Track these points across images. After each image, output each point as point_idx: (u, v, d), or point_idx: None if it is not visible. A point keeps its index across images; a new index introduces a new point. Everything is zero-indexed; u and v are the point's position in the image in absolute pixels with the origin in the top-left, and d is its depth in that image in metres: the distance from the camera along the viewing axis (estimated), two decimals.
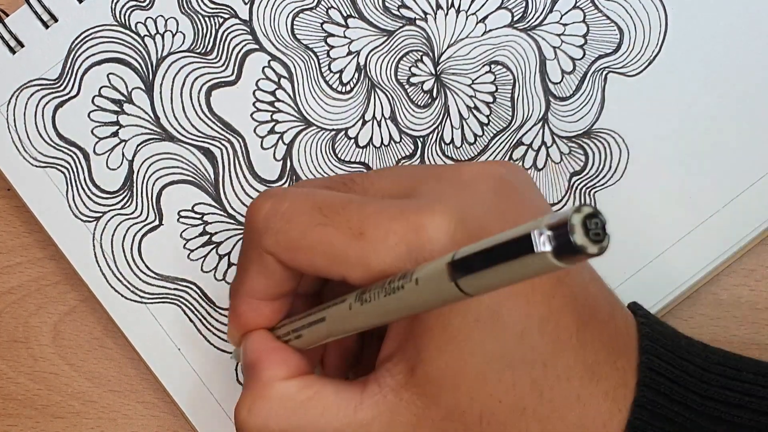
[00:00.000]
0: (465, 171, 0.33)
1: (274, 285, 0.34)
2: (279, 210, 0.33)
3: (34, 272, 0.43)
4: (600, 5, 0.41)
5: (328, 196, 0.33)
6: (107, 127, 0.42)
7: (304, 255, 0.32)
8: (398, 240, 0.30)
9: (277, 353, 0.34)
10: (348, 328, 0.32)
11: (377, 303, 0.30)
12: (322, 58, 0.42)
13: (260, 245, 0.33)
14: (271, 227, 0.33)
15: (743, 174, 0.40)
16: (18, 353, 0.43)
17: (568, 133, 0.41)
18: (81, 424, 0.42)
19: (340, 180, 0.35)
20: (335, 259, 0.31)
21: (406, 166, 0.36)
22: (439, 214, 0.30)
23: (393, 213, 0.31)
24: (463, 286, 0.26)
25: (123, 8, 0.42)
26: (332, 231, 0.31)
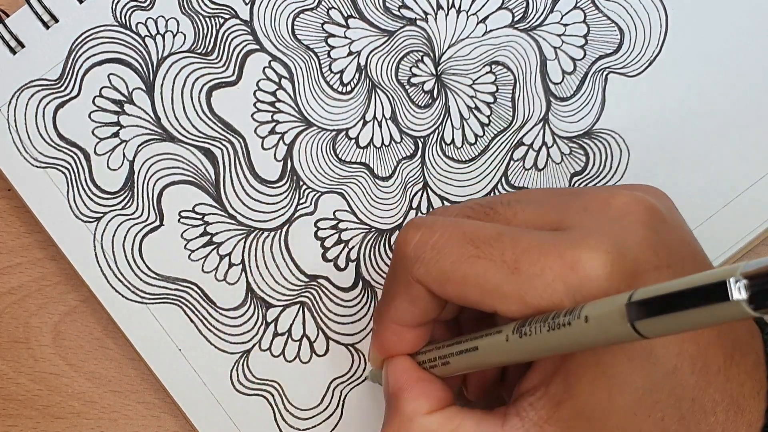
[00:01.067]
0: (613, 202, 0.33)
1: (420, 313, 0.34)
2: (430, 240, 0.33)
3: (34, 272, 0.43)
4: (600, 5, 0.42)
5: (478, 227, 0.33)
6: (108, 127, 0.42)
7: (455, 286, 0.32)
8: (555, 276, 0.30)
9: (420, 384, 0.34)
10: (501, 359, 0.32)
11: (539, 337, 0.30)
12: (322, 59, 0.42)
13: (410, 274, 0.33)
14: (421, 257, 0.33)
15: (743, 174, 0.41)
16: (18, 354, 0.43)
17: (569, 134, 0.41)
18: (81, 425, 0.42)
19: (481, 209, 0.35)
20: (489, 293, 0.31)
21: (549, 192, 0.36)
22: (594, 250, 0.30)
23: (547, 248, 0.31)
24: (640, 328, 0.26)
25: (123, 9, 0.42)
26: (486, 264, 0.32)
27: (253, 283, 0.42)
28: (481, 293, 0.32)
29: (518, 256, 0.31)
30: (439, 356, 0.34)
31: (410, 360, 0.35)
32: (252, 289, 0.42)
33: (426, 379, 0.34)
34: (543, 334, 0.30)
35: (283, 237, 0.42)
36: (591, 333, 0.28)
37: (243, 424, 0.41)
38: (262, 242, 0.42)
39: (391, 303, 0.35)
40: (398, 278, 0.34)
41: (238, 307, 0.41)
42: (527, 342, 0.30)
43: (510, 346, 0.31)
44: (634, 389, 0.31)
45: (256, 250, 0.42)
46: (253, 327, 0.41)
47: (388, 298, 0.35)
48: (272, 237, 0.42)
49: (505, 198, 0.35)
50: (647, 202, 0.33)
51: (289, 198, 0.42)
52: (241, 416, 0.41)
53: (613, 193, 0.33)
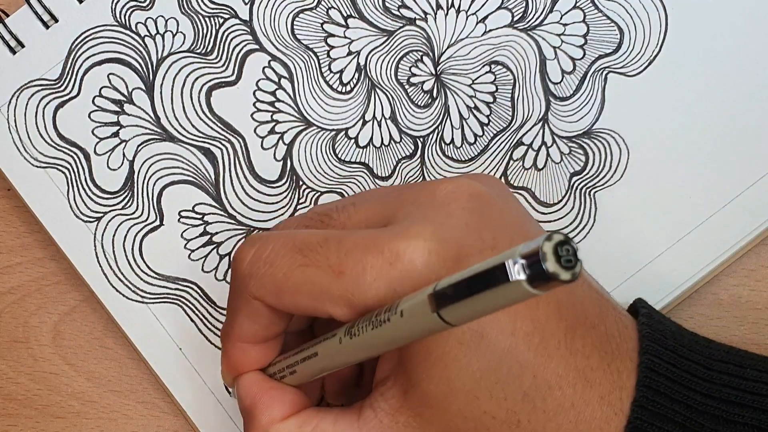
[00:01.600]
0: (439, 190, 0.33)
1: (263, 328, 0.35)
2: (262, 255, 0.33)
3: (34, 272, 0.43)
4: (600, 5, 0.42)
5: (306, 236, 0.33)
6: (108, 127, 0.42)
7: (289, 297, 0.33)
8: (376, 274, 0.31)
9: (271, 393, 0.34)
10: (340, 361, 0.33)
11: (365, 336, 0.30)
12: (322, 58, 0.42)
13: (247, 291, 0.34)
14: (255, 272, 0.33)
15: (743, 174, 0.40)
16: (18, 353, 0.43)
17: (569, 133, 0.41)
18: (81, 424, 0.42)
19: (317, 217, 0.35)
20: (319, 299, 0.32)
21: (383, 191, 0.36)
22: (413, 239, 0.31)
23: (369, 245, 0.31)
24: (445, 317, 0.26)
25: (123, 8, 0.42)
26: (313, 271, 0.32)
27: None
28: (313, 300, 0.32)
29: (342, 258, 0.32)
30: (286, 366, 0.35)
31: (259, 373, 0.36)
32: None
33: (277, 388, 0.35)
34: (369, 333, 0.30)
35: None
36: (407, 326, 0.28)
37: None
38: None
39: (233, 321, 0.35)
40: (236, 296, 0.34)
41: None
42: (357, 342, 0.31)
43: (344, 348, 0.32)
44: (470, 372, 0.31)
45: None
46: None
47: (231, 317, 0.35)
48: None
49: (340, 203, 0.36)
50: (472, 188, 0.33)
51: (289, 198, 0.42)
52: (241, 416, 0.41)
53: (439, 183, 0.34)
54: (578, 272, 0.23)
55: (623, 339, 0.33)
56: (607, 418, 0.32)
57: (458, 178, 0.34)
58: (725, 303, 0.41)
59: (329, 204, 0.36)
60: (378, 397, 0.33)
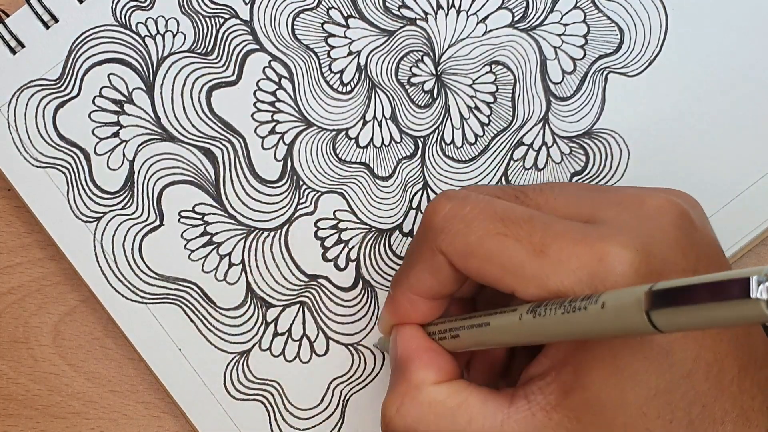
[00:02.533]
0: (648, 201, 0.33)
1: (438, 285, 0.34)
2: (459, 213, 0.33)
3: (34, 272, 0.43)
4: (600, 5, 0.42)
5: (510, 207, 0.33)
6: (108, 127, 0.42)
7: (478, 262, 0.32)
8: (580, 265, 0.30)
9: (429, 354, 0.34)
10: (511, 339, 0.32)
11: (553, 319, 0.30)
12: (322, 59, 0.42)
13: (435, 244, 0.33)
14: (448, 228, 0.33)
15: (743, 174, 0.41)
16: (18, 353, 0.43)
17: (569, 133, 0.41)
18: (81, 425, 0.42)
19: (512, 192, 0.35)
20: (510, 272, 0.31)
21: (581, 186, 0.36)
22: (623, 246, 0.30)
23: (576, 237, 0.31)
24: (655, 319, 0.26)
25: (123, 8, 0.42)
26: (512, 243, 0.31)
27: (253, 283, 0.42)
28: (503, 271, 0.32)
29: (546, 240, 0.31)
30: (450, 328, 0.34)
31: (421, 330, 0.35)
32: (252, 289, 0.42)
33: (435, 350, 0.34)
34: (558, 316, 0.29)
35: (283, 237, 0.42)
36: (606, 320, 0.28)
37: (243, 424, 0.41)
38: (262, 242, 0.42)
39: (411, 271, 0.34)
40: (422, 247, 0.34)
41: (238, 307, 0.41)
42: (540, 323, 0.30)
43: (522, 326, 0.31)
44: (647, 388, 0.31)
45: (256, 250, 0.42)
46: (253, 327, 0.41)
47: (409, 266, 0.34)
48: (272, 237, 0.42)
49: (537, 185, 0.35)
50: (681, 206, 0.33)
51: (289, 198, 0.42)
52: (241, 416, 0.41)
53: (648, 193, 0.33)
54: None
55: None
56: None
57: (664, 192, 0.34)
58: None
59: (524, 185, 0.36)
60: (535, 389, 0.32)
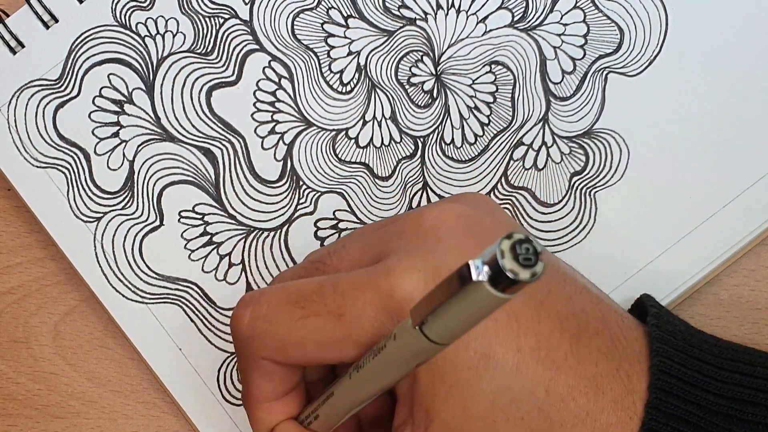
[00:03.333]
0: (424, 218, 0.33)
1: (279, 384, 0.34)
2: (260, 314, 0.33)
3: (34, 272, 0.43)
4: (600, 5, 0.42)
5: (300, 286, 0.33)
6: (108, 127, 0.42)
7: (295, 351, 0.33)
8: (376, 309, 0.31)
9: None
10: (354, 398, 0.32)
11: (369, 366, 0.30)
12: (322, 59, 0.42)
13: (253, 353, 0.34)
14: (256, 333, 0.33)
15: (743, 174, 0.40)
16: (18, 353, 0.43)
17: (569, 133, 0.41)
18: (81, 424, 0.42)
19: (311, 266, 0.36)
20: (325, 346, 0.32)
21: (370, 229, 0.36)
22: (406, 270, 0.31)
23: (362, 283, 0.31)
24: (427, 333, 0.26)
25: (123, 9, 0.42)
26: (313, 320, 0.32)
27: (253, 283, 0.42)
28: (319, 349, 0.32)
29: (339, 301, 0.32)
30: (311, 411, 0.35)
31: (292, 422, 0.35)
32: (252, 289, 0.42)
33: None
34: (372, 363, 0.30)
35: (283, 237, 0.42)
36: (400, 349, 0.28)
37: (243, 424, 0.41)
38: (262, 242, 0.42)
39: (249, 385, 0.35)
40: (245, 360, 0.34)
41: None
42: (364, 374, 0.31)
43: (354, 383, 0.32)
44: (483, 396, 0.31)
45: (256, 250, 0.42)
46: None
47: (245, 381, 0.35)
48: (272, 237, 0.42)
49: (332, 247, 0.36)
50: (457, 209, 0.33)
51: (289, 198, 0.42)
52: (241, 416, 0.41)
53: (423, 211, 0.34)
54: (539, 271, 0.23)
55: (629, 342, 0.33)
56: (622, 422, 0.32)
57: (441, 202, 0.35)
58: (725, 303, 0.41)
59: (322, 250, 0.36)
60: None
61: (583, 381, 0.32)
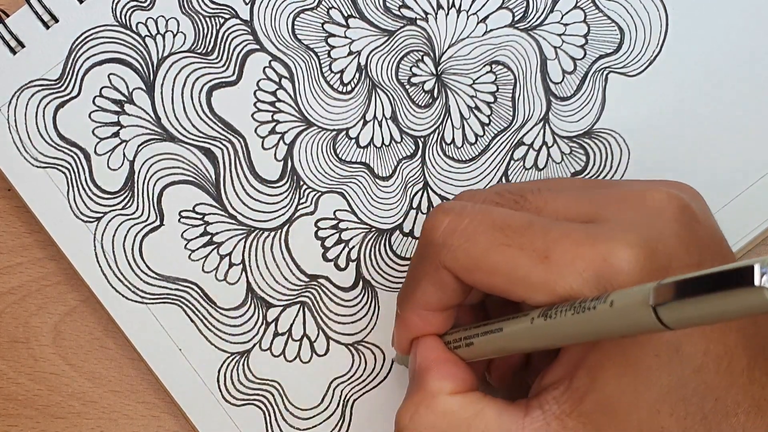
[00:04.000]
0: (649, 197, 0.33)
1: (446, 298, 0.34)
2: (458, 227, 0.33)
3: (34, 272, 0.43)
4: (601, 5, 0.42)
5: (508, 216, 0.32)
6: (108, 127, 0.42)
7: (484, 275, 0.32)
8: (586, 266, 0.30)
9: (446, 365, 0.34)
10: (525, 343, 0.32)
11: (564, 321, 0.30)
12: (322, 58, 0.42)
13: (438, 260, 0.33)
14: (450, 243, 0.33)
15: (743, 174, 0.41)
16: (18, 353, 0.43)
17: (569, 133, 0.41)
18: (81, 425, 0.42)
19: (510, 197, 0.34)
20: (517, 281, 0.31)
21: (581, 183, 0.36)
22: (627, 244, 0.30)
23: (579, 239, 0.31)
24: (662, 315, 0.26)
25: (124, 8, 0.42)
26: (516, 252, 0.31)
27: (253, 283, 0.42)
28: (510, 282, 0.31)
29: (549, 245, 0.31)
30: (464, 337, 0.34)
31: (439, 340, 0.35)
32: (252, 289, 0.42)
33: (452, 361, 0.34)
34: (568, 318, 0.29)
35: (283, 237, 0.42)
36: (615, 318, 0.28)
37: (243, 424, 0.41)
38: (262, 242, 0.42)
39: (417, 288, 0.34)
40: (425, 263, 0.34)
41: (239, 307, 0.41)
42: (552, 325, 0.30)
43: (534, 330, 0.31)
44: (659, 385, 0.31)
45: (257, 250, 0.42)
46: (253, 327, 0.41)
47: (414, 283, 0.34)
48: (272, 237, 0.42)
49: (535, 185, 0.35)
50: (682, 200, 0.33)
51: (290, 198, 0.42)
52: (241, 416, 0.41)
53: (648, 187, 0.33)
54: None
55: None
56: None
57: (663, 185, 0.34)
58: None
59: (521, 184, 0.35)
60: (550, 399, 0.32)
61: (749, 400, 0.31)
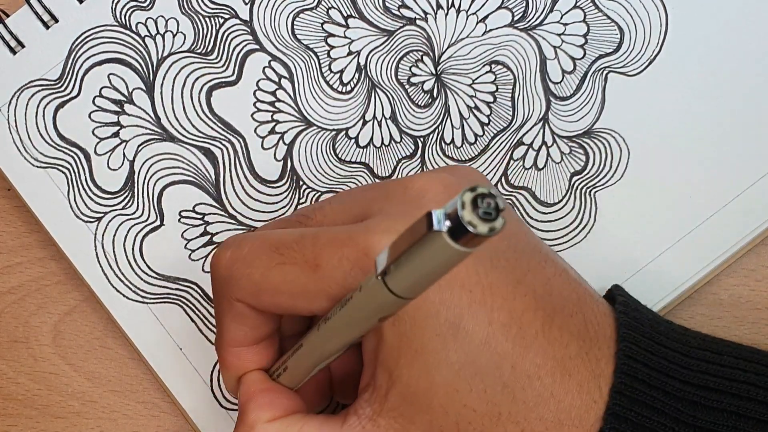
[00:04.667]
0: (411, 185, 0.33)
1: (251, 330, 0.35)
2: (239, 257, 0.34)
3: (34, 272, 0.43)
4: (600, 5, 0.42)
5: (282, 234, 0.33)
6: (108, 127, 0.42)
7: (268, 297, 0.33)
8: (351, 264, 0.31)
9: (264, 395, 0.35)
10: (321, 351, 0.33)
11: (335, 318, 0.30)
12: (322, 58, 0.42)
13: (228, 294, 0.34)
14: (234, 275, 0.34)
15: (743, 174, 0.40)
16: (18, 353, 0.43)
17: (569, 133, 0.41)
18: (81, 424, 0.42)
19: (295, 219, 0.36)
20: (298, 296, 0.32)
21: (359, 190, 0.36)
22: (384, 232, 0.31)
23: (343, 240, 0.32)
24: (390, 284, 0.26)
25: (123, 8, 0.42)
26: (290, 268, 0.32)
27: None
28: (292, 298, 0.33)
29: (317, 253, 0.32)
30: (281, 363, 0.35)
31: (261, 373, 0.36)
32: None
33: (272, 390, 0.35)
34: (339, 314, 0.30)
35: None
36: (364, 301, 0.28)
37: None
38: None
39: (222, 327, 0.35)
40: (220, 301, 0.35)
41: None
42: (330, 325, 0.31)
43: (322, 335, 0.32)
44: (449, 364, 0.31)
45: None
46: None
47: (219, 323, 0.35)
48: None
49: (318, 203, 0.36)
50: (445, 180, 0.33)
51: (290, 198, 0.42)
52: None
53: (412, 178, 0.34)
54: (498, 226, 0.22)
55: (601, 327, 0.33)
56: (586, 405, 0.32)
57: (430, 172, 0.35)
58: (725, 303, 0.41)
59: (311, 205, 0.37)
60: (362, 403, 0.33)
61: (550, 361, 0.32)
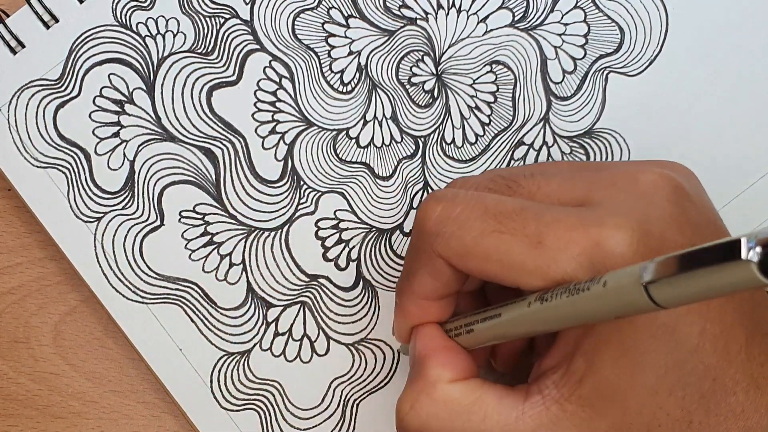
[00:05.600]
0: (641, 178, 0.33)
1: (442, 286, 0.34)
2: (451, 214, 0.33)
3: (34, 272, 0.43)
4: (601, 5, 0.42)
5: (500, 202, 0.33)
6: (108, 127, 0.42)
7: (477, 261, 0.32)
8: (579, 250, 0.30)
9: (446, 353, 0.34)
10: (523, 328, 0.32)
11: (559, 303, 0.30)
12: (323, 58, 0.42)
13: (432, 249, 0.33)
14: (443, 232, 0.33)
15: (743, 174, 0.41)
16: (19, 353, 0.43)
17: (569, 133, 0.41)
18: (81, 425, 0.42)
19: (503, 182, 0.35)
20: (511, 267, 0.31)
21: (573, 166, 0.36)
22: (619, 227, 0.30)
23: (572, 223, 0.31)
24: (654, 294, 0.26)
25: (124, 8, 0.42)
26: (508, 238, 0.31)
27: (253, 283, 0.42)
28: (503, 268, 0.32)
29: (541, 230, 0.31)
30: (464, 324, 0.34)
31: (439, 328, 0.35)
32: (252, 289, 0.42)
33: (452, 349, 0.34)
34: (564, 300, 0.29)
35: (283, 237, 0.42)
36: (609, 298, 0.28)
37: (243, 424, 0.41)
38: (262, 242, 0.42)
39: (413, 278, 0.34)
40: (419, 253, 0.34)
41: (239, 306, 0.41)
42: (548, 309, 0.30)
43: (532, 314, 0.31)
44: (656, 367, 0.31)
45: (257, 250, 0.42)
46: (253, 327, 0.41)
47: (410, 273, 0.35)
48: (273, 237, 0.42)
49: (528, 170, 0.35)
50: (674, 180, 0.33)
51: (290, 198, 0.42)
52: (241, 415, 0.41)
53: (640, 168, 0.33)
54: None
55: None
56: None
57: (655, 165, 0.34)
58: None
59: (514, 169, 0.35)
60: (549, 383, 0.32)
61: (747, 378, 0.32)
